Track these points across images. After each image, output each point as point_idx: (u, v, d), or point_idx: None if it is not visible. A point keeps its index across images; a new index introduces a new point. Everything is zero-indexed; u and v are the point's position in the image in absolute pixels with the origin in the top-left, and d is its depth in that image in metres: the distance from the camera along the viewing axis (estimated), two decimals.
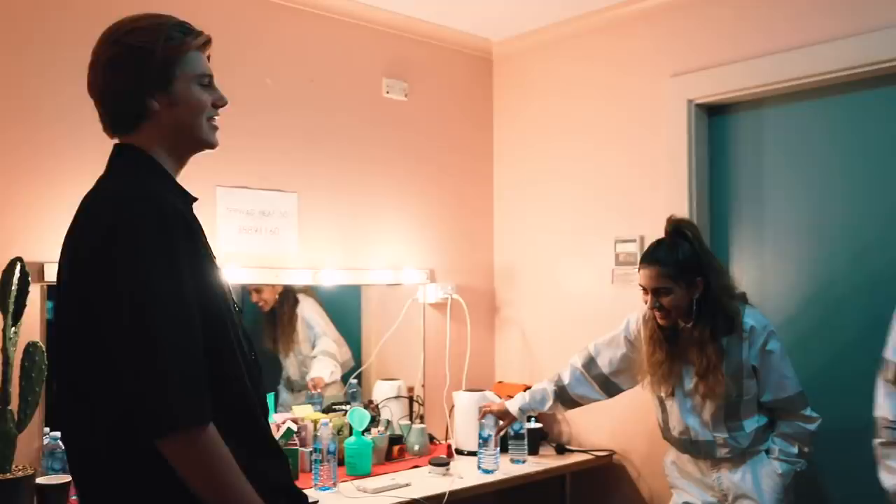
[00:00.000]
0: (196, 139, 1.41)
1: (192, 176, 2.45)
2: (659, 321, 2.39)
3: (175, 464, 1.21)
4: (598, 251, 3.21)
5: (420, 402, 3.32)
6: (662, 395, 2.48)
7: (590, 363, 2.65)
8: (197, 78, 1.39)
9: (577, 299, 3.28)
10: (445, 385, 3.35)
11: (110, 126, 1.39)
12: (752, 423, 2.37)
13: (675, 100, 2.99)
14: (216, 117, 1.44)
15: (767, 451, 2.40)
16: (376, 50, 3.27)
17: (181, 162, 1.44)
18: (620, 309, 2.85)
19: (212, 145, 1.44)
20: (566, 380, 2.68)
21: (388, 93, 3.31)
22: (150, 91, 1.33)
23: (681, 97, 2.97)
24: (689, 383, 2.40)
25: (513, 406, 2.77)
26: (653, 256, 2.39)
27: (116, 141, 1.41)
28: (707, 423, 2.39)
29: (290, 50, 3.02)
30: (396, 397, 3.20)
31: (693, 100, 2.95)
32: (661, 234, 2.48)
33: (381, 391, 3.20)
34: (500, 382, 3.50)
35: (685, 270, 2.33)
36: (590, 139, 3.29)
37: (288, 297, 3.11)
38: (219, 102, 1.43)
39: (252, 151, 2.88)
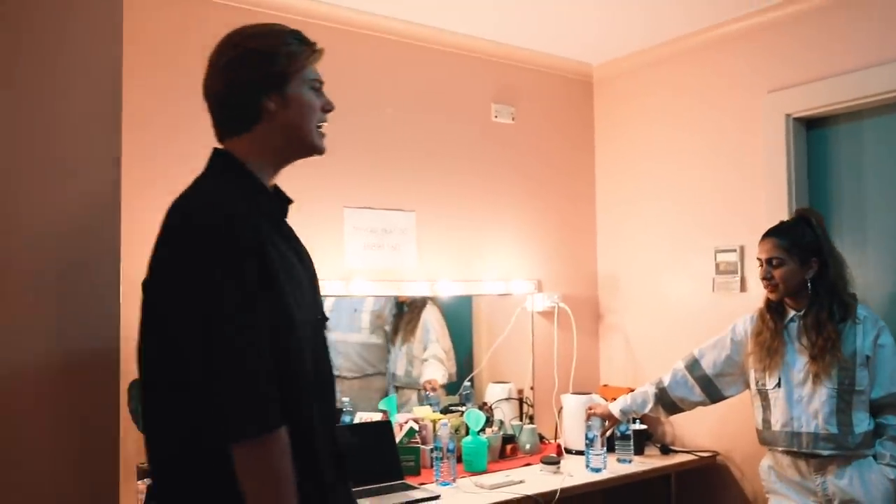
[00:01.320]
0: (305, 142, 1.40)
1: (322, 197, 2.72)
2: (768, 293, 2.39)
3: (242, 469, 1.19)
4: (699, 261, 3.23)
5: (530, 403, 3.42)
6: (767, 385, 2.41)
7: (693, 364, 2.63)
8: (310, 82, 1.40)
9: (678, 306, 3.30)
10: (554, 388, 3.44)
11: (221, 127, 1.38)
12: (861, 424, 2.28)
13: (773, 115, 3.00)
14: (324, 123, 1.43)
15: (875, 457, 2.30)
16: (486, 77, 3.38)
17: (281, 167, 1.42)
18: (720, 316, 2.87)
19: (319, 150, 1.43)
20: (667, 381, 2.65)
21: (496, 117, 3.41)
22: (267, 91, 1.33)
23: (779, 112, 2.98)
24: (799, 371, 2.34)
25: (615, 408, 2.78)
26: (772, 230, 2.43)
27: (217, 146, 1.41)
28: (815, 412, 2.30)
29: (408, 80, 3.18)
30: (507, 399, 3.31)
31: (791, 114, 2.95)
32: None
33: (493, 393, 3.32)
34: (605, 385, 3.57)
35: (800, 248, 2.33)
36: (688, 156, 3.31)
37: (418, 299, 3.30)
38: (327, 107, 1.42)
39: (374, 174, 3.05)
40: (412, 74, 3.19)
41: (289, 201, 1.45)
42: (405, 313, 3.31)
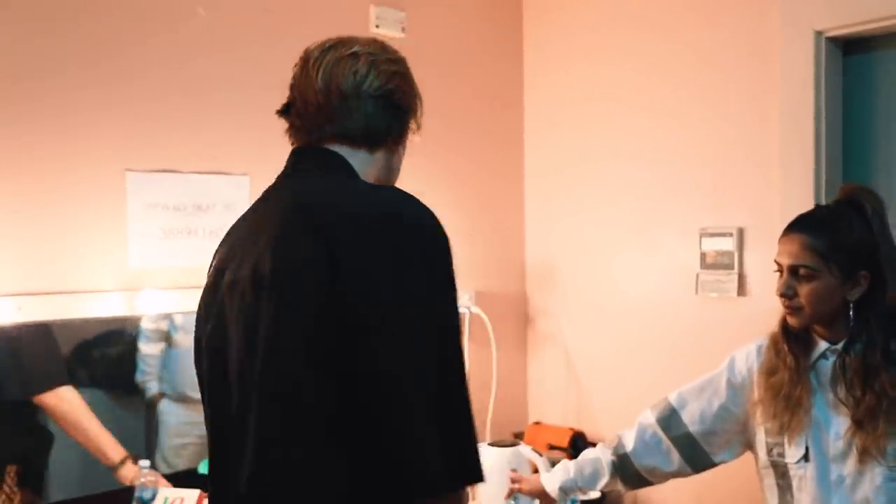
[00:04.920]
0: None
1: (86, 155, 2.15)
2: (787, 318, 1.98)
3: None
4: (676, 248, 2.71)
5: None
6: (787, 456, 1.94)
7: (669, 419, 2.15)
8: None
9: (644, 311, 2.81)
10: None
11: (344, 129, 1.37)
12: None
13: (796, 32, 2.40)
14: None
15: None
16: None
17: None
18: (708, 332, 2.53)
19: None
20: (629, 445, 2.18)
21: (377, 27, 2.84)
22: (408, 122, 1.45)
23: (804, 28, 2.38)
24: (837, 438, 1.91)
25: (551, 483, 2.25)
26: (803, 221, 2.01)
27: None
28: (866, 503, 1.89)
29: None
30: None
31: (823, 31, 2.36)
32: (772, 224, 2.19)
33: None
34: (536, 424, 2.99)
35: (846, 253, 1.91)
36: (666, 93, 2.75)
37: None
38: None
39: (180, 119, 2.37)
40: None
41: None
42: None
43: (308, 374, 1.11)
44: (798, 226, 1.97)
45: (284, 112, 1.37)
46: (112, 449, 2.07)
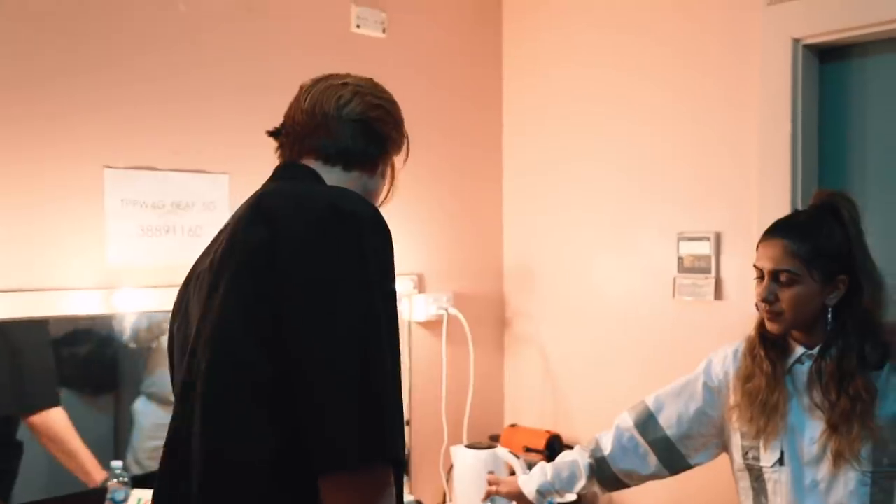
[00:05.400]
0: None
1: (65, 151, 2.09)
2: (766, 322, 1.95)
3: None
4: (653, 252, 2.67)
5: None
6: (762, 459, 1.94)
7: (647, 422, 2.14)
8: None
9: (621, 314, 2.78)
10: (442, 433, 2.80)
11: (321, 149, 1.45)
12: None
13: (774, 39, 2.38)
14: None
15: None
16: None
17: None
18: (685, 335, 2.50)
19: None
20: (607, 448, 2.17)
21: (358, 27, 2.76)
22: (388, 150, 1.52)
23: (782, 35, 2.38)
24: (812, 442, 1.90)
25: (528, 486, 2.22)
26: (783, 226, 1.97)
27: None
28: None
29: None
30: None
31: (800, 39, 2.35)
32: (749, 228, 2.26)
33: None
34: (512, 426, 2.94)
35: (826, 258, 1.90)
36: (646, 95, 2.71)
37: None
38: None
39: (160, 116, 2.29)
40: None
41: None
42: None
43: (247, 342, 1.16)
44: (779, 231, 1.95)
45: (275, 134, 1.46)
46: (96, 471, 2.04)
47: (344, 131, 1.42)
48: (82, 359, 2.16)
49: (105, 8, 2.07)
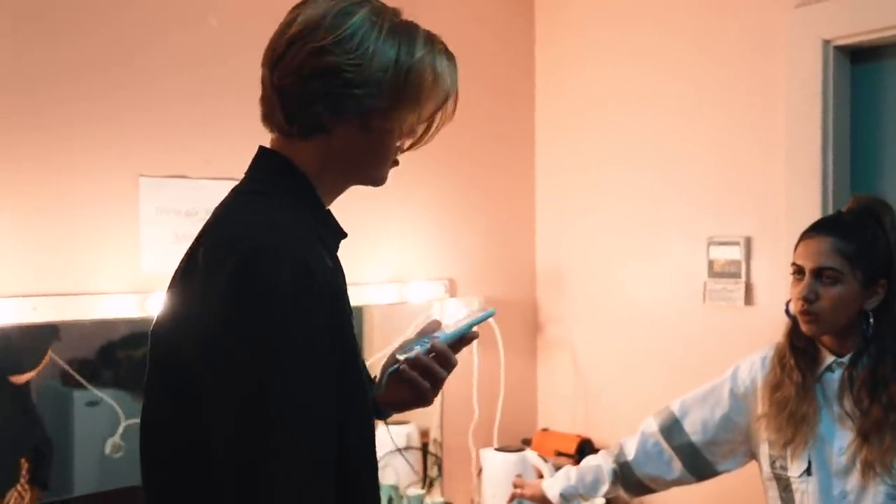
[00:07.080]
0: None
1: (101, 160, 2.11)
2: (802, 323, 1.87)
3: None
4: (684, 256, 2.61)
5: (437, 455, 2.72)
6: (790, 469, 1.87)
7: (671, 428, 2.08)
8: None
9: (651, 319, 2.71)
10: (470, 436, 2.77)
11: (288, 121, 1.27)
12: None
13: (804, 40, 2.30)
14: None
15: None
16: None
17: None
18: (715, 340, 2.45)
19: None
20: (631, 453, 2.12)
21: None
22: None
23: (812, 36, 2.29)
24: (841, 453, 1.83)
25: (552, 489, 2.19)
26: (829, 224, 1.91)
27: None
28: None
29: None
30: (406, 448, 2.58)
31: (831, 40, 2.27)
32: (778, 233, 2.23)
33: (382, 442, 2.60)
34: (544, 430, 2.89)
35: (870, 260, 1.84)
36: (675, 99, 2.64)
37: None
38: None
39: (193, 125, 2.28)
40: None
41: (343, 235, 1.30)
42: None
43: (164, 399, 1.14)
44: (825, 228, 1.88)
45: None
46: None
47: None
48: (123, 360, 2.20)
49: (137, 22, 2.11)
